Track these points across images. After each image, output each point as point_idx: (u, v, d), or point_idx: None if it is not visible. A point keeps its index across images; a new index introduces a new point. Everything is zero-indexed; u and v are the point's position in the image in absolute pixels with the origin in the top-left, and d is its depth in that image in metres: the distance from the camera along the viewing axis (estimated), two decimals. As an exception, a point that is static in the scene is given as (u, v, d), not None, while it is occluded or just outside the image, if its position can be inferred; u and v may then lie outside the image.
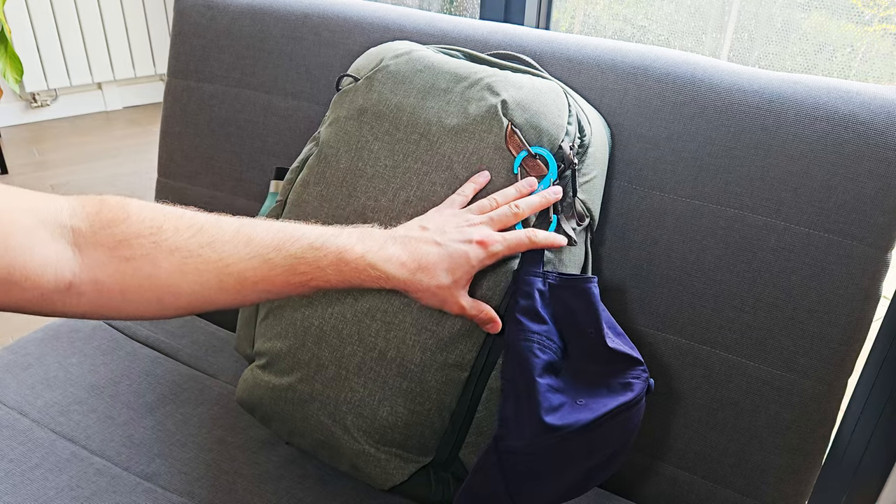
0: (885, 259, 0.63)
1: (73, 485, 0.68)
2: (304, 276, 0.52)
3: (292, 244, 0.52)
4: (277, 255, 0.51)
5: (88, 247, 0.46)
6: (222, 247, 0.50)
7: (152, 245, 0.47)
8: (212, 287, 0.49)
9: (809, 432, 0.68)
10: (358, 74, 0.69)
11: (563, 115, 0.63)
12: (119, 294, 0.47)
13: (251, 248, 0.51)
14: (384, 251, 0.54)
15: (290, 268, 0.51)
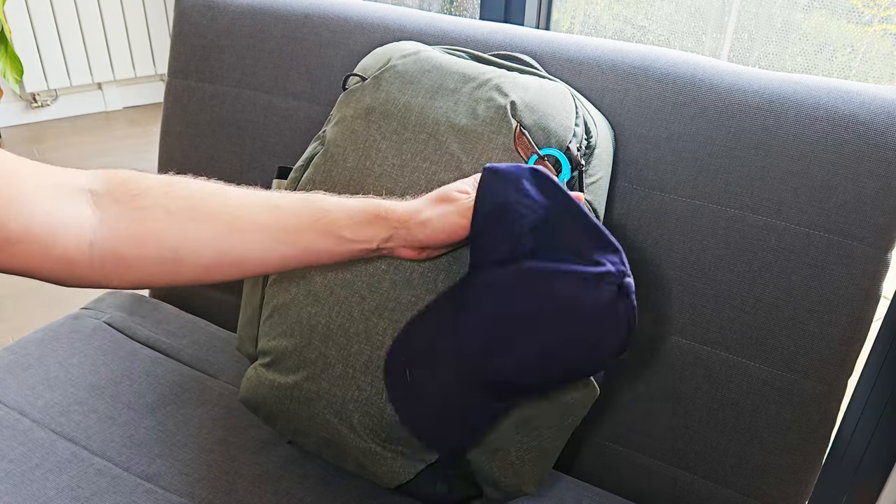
0: (886, 259, 0.63)
1: (73, 485, 0.68)
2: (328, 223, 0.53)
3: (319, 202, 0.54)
4: (301, 204, 0.53)
5: (106, 203, 0.47)
6: (235, 195, 0.52)
7: (164, 194, 0.49)
8: (227, 234, 0.50)
9: (810, 432, 0.68)
10: (365, 74, 0.69)
11: (571, 117, 0.63)
12: (137, 247, 0.47)
13: (268, 199, 0.52)
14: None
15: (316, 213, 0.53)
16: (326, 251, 0.54)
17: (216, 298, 0.97)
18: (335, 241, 0.53)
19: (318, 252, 0.53)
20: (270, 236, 0.52)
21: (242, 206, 0.51)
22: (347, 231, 0.53)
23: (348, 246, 0.54)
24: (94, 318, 0.92)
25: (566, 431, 0.65)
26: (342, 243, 0.53)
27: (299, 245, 0.53)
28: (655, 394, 0.73)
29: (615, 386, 0.76)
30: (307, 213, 0.53)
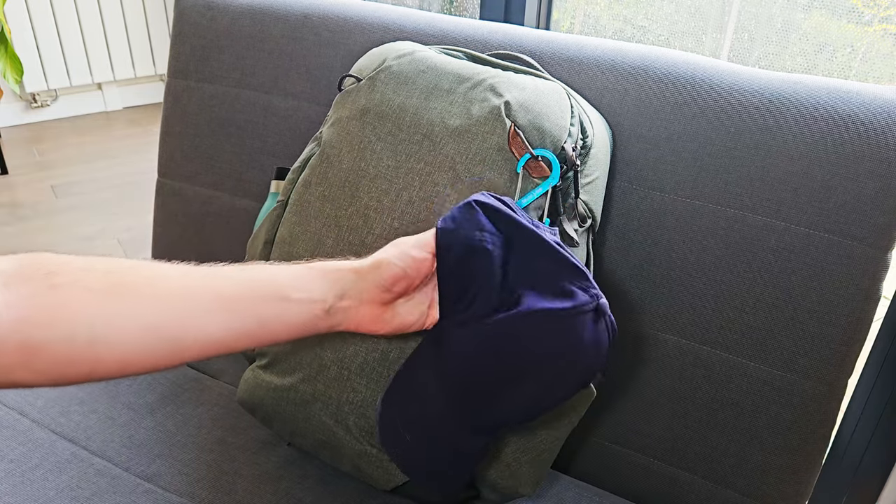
0: (886, 259, 0.63)
1: (73, 485, 0.68)
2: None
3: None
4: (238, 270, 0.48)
5: (15, 283, 0.40)
6: (165, 266, 0.46)
7: (83, 269, 0.43)
8: (156, 306, 0.43)
9: (810, 432, 0.68)
10: (360, 75, 0.69)
11: (566, 117, 0.63)
12: (48, 328, 0.40)
13: (203, 269, 0.47)
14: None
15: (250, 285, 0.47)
16: (274, 317, 0.47)
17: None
18: (281, 303, 0.48)
19: (264, 319, 0.47)
20: (207, 305, 0.45)
21: (172, 277, 0.45)
22: (293, 290, 0.48)
23: (298, 309, 0.48)
24: (93, 319, 0.92)
25: (563, 433, 0.65)
26: (290, 306, 0.48)
27: (242, 313, 0.47)
28: (655, 394, 0.73)
29: (615, 386, 0.76)
30: (246, 278, 0.47)
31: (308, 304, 0.48)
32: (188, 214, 0.97)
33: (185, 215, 0.97)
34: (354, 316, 0.51)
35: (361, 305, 0.51)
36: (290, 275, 0.49)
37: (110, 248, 1.97)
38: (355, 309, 0.51)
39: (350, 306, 0.50)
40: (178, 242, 0.99)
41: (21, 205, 2.18)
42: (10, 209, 2.15)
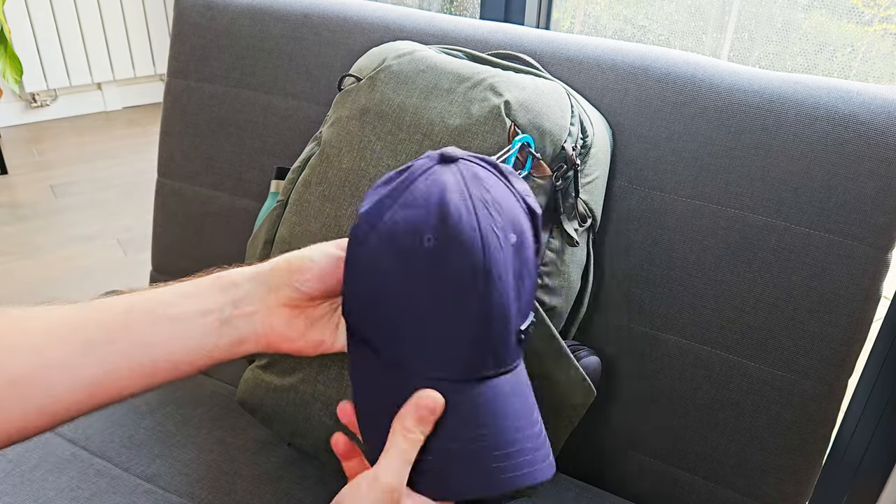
0: (886, 259, 0.63)
1: (73, 485, 0.68)
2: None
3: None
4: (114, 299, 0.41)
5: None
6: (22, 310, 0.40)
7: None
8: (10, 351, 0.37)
9: (810, 433, 0.68)
10: (360, 74, 0.69)
11: (566, 116, 0.63)
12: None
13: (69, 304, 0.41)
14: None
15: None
16: (161, 341, 0.41)
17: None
18: (164, 323, 0.41)
19: (150, 347, 0.41)
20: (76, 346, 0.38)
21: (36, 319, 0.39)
22: (176, 307, 0.41)
23: (187, 326, 0.41)
24: (93, 319, 0.92)
25: (563, 433, 0.65)
26: (175, 324, 0.41)
27: (121, 344, 0.40)
28: (655, 394, 0.73)
29: (615, 386, 0.75)
30: (123, 304, 0.41)
31: (198, 318, 0.42)
32: (188, 214, 0.96)
33: (185, 215, 0.97)
34: (261, 323, 0.44)
35: (268, 310, 0.44)
36: (174, 291, 0.43)
37: (110, 248, 1.97)
38: (260, 315, 0.43)
39: (253, 312, 0.43)
40: (178, 242, 0.99)
41: (21, 205, 2.18)
42: (9, 209, 2.15)
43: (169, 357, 0.41)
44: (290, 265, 0.44)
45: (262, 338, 0.44)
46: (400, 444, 0.39)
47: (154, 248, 1.02)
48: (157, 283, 0.44)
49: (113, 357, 0.40)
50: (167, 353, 0.41)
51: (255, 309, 0.44)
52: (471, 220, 0.41)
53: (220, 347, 0.43)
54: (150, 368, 0.41)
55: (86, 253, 1.95)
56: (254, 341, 0.44)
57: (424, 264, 0.40)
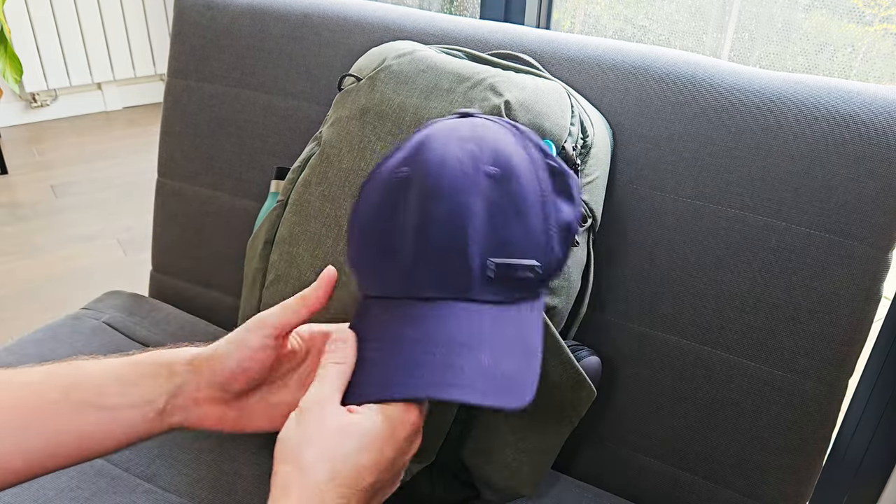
0: (886, 259, 0.63)
1: (72, 486, 0.68)
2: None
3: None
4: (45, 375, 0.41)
5: None
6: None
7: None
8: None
9: (810, 433, 0.68)
10: (360, 74, 0.69)
11: (566, 116, 0.63)
12: None
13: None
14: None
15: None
16: (93, 428, 0.40)
17: (216, 299, 0.97)
18: (98, 413, 0.40)
19: (80, 431, 0.40)
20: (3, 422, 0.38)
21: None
22: (114, 396, 0.41)
23: (120, 415, 0.41)
24: (93, 319, 0.92)
25: (563, 433, 0.65)
26: (109, 413, 0.41)
27: (45, 429, 0.39)
28: (656, 394, 0.73)
29: (615, 386, 0.75)
30: (53, 385, 0.40)
31: (134, 409, 0.41)
32: (188, 214, 0.96)
33: (185, 215, 0.97)
34: (194, 416, 0.43)
35: (198, 405, 0.43)
36: (110, 375, 0.41)
37: (110, 248, 1.97)
38: (193, 408, 0.43)
39: (185, 406, 0.43)
40: (178, 242, 0.99)
41: (20, 205, 2.18)
42: (9, 209, 2.15)
43: (98, 440, 0.41)
44: (211, 362, 0.43)
45: (195, 425, 0.44)
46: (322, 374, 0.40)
47: (154, 248, 1.02)
48: (97, 356, 0.43)
49: (38, 443, 0.39)
50: (96, 437, 0.41)
51: (185, 402, 0.43)
52: (441, 149, 0.44)
53: (152, 431, 0.44)
54: (75, 452, 0.41)
55: (86, 253, 1.95)
56: (188, 425, 0.45)
57: (395, 190, 0.44)
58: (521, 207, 0.44)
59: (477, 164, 0.43)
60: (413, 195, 0.43)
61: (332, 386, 0.39)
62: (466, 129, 0.45)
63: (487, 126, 0.46)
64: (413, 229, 0.43)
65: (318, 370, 0.40)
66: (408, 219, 0.43)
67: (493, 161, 0.43)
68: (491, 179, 0.43)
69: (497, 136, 0.45)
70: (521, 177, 0.44)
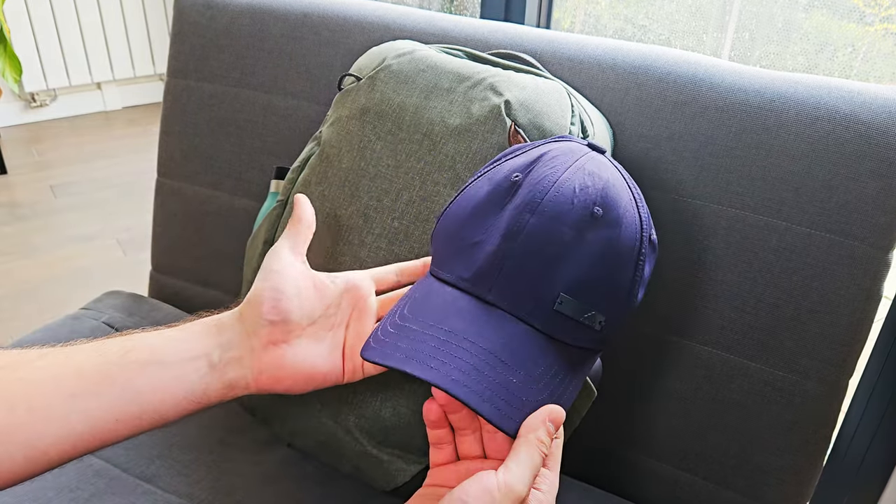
0: (887, 259, 0.63)
1: (72, 486, 0.68)
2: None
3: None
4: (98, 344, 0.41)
5: None
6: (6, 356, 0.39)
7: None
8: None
9: (811, 433, 0.68)
10: (360, 74, 0.69)
11: (567, 116, 0.63)
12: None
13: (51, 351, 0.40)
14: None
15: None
16: (150, 388, 0.40)
17: (216, 299, 0.97)
18: (155, 369, 0.41)
19: (138, 394, 0.40)
20: (63, 393, 0.38)
21: (17, 366, 0.38)
22: (167, 353, 0.42)
23: (176, 372, 0.41)
24: (93, 319, 0.92)
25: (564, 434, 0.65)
26: (166, 370, 0.41)
27: (108, 393, 0.39)
28: (655, 394, 0.73)
29: (615, 387, 0.75)
30: (108, 350, 0.41)
31: (188, 363, 0.42)
32: (187, 214, 0.96)
33: (185, 215, 0.97)
34: (253, 366, 0.44)
35: (252, 354, 0.44)
36: (162, 336, 0.42)
37: (109, 248, 1.97)
38: (249, 357, 0.44)
39: (240, 357, 0.43)
40: (178, 242, 0.98)
41: (20, 205, 2.18)
42: (8, 209, 2.15)
43: (158, 406, 0.41)
44: (249, 301, 0.44)
45: (251, 383, 0.44)
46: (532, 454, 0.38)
47: (154, 248, 1.01)
48: (146, 328, 0.44)
49: (98, 411, 0.39)
50: (155, 401, 0.41)
51: (241, 354, 0.43)
52: (553, 170, 0.45)
53: (210, 393, 0.43)
54: (136, 419, 0.41)
55: (85, 253, 1.95)
56: (244, 386, 0.44)
57: (504, 190, 0.45)
58: (612, 258, 0.44)
59: (587, 201, 0.43)
60: (517, 201, 0.44)
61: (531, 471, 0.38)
62: (591, 163, 0.46)
63: (611, 171, 0.47)
64: (503, 233, 0.43)
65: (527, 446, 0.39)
66: (503, 221, 0.44)
67: (603, 203, 0.44)
68: (595, 220, 0.43)
69: (616, 183, 0.46)
70: (623, 230, 0.44)
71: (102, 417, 0.39)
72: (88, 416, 0.39)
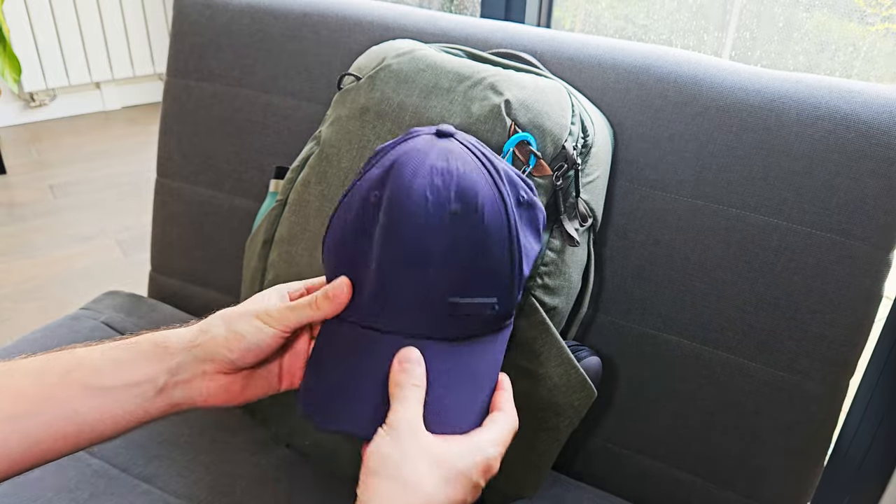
0: (888, 259, 0.63)
1: (71, 486, 0.68)
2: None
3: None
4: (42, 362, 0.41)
5: None
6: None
7: None
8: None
9: (811, 434, 0.67)
10: (360, 73, 0.68)
11: (567, 115, 0.63)
12: None
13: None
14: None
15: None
16: (91, 410, 0.41)
17: (215, 299, 0.97)
18: (96, 394, 0.41)
19: (78, 414, 0.40)
20: (2, 412, 0.38)
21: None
22: (111, 377, 0.41)
23: (116, 396, 0.41)
24: (92, 319, 0.92)
25: (563, 434, 0.65)
26: (107, 395, 0.41)
27: (49, 412, 0.39)
28: (656, 394, 0.73)
29: (615, 387, 0.75)
30: (50, 370, 0.41)
31: (132, 388, 0.42)
32: (187, 214, 0.96)
33: (184, 215, 0.96)
34: (197, 390, 0.44)
35: (203, 376, 0.44)
36: (107, 357, 0.42)
37: (109, 248, 1.97)
38: (199, 380, 0.44)
39: (188, 380, 0.44)
40: (177, 242, 0.98)
41: (19, 204, 2.18)
42: (8, 209, 2.15)
43: (96, 426, 0.41)
44: (224, 339, 0.44)
45: (198, 401, 0.45)
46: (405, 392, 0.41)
47: (153, 248, 1.01)
48: (100, 340, 0.44)
49: (37, 431, 0.40)
50: (94, 421, 0.41)
51: (191, 377, 0.44)
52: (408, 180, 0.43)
53: (152, 412, 0.44)
54: (74, 437, 0.41)
55: (84, 253, 1.95)
56: (189, 404, 0.45)
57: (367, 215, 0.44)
58: (483, 246, 0.44)
59: (442, 202, 0.43)
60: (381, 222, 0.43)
61: (416, 408, 0.41)
62: (439, 157, 0.44)
63: (459, 156, 0.45)
64: (377, 262, 0.43)
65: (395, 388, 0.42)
66: (373, 250, 0.44)
67: (459, 197, 0.43)
68: (455, 217, 0.43)
69: (467, 169, 0.44)
70: (486, 215, 0.44)
71: (41, 438, 0.40)
72: (26, 436, 0.39)
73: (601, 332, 0.74)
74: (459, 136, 0.46)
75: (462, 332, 0.45)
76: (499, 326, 0.47)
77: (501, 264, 0.45)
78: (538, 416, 0.63)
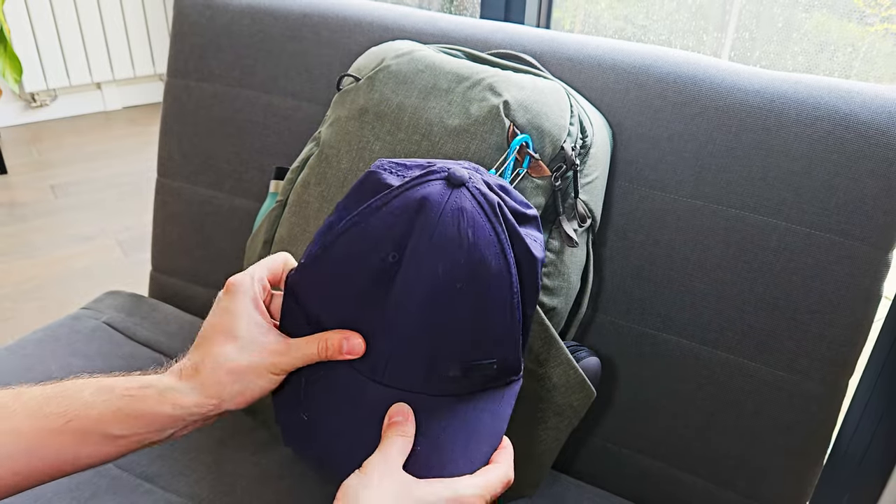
0: (887, 259, 0.63)
1: (72, 486, 0.68)
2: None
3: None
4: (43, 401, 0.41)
5: None
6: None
7: None
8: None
9: (811, 433, 0.68)
10: (359, 74, 0.68)
11: (566, 116, 0.63)
12: None
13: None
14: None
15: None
16: (88, 454, 0.41)
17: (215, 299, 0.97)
18: (99, 439, 0.41)
19: (77, 458, 0.41)
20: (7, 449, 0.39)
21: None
22: (115, 428, 0.41)
23: (122, 442, 0.42)
24: (93, 319, 0.92)
25: (563, 434, 0.65)
26: (111, 441, 0.41)
27: (45, 456, 0.40)
28: (656, 394, 0.73)
29: (615, 387, 0.75)
30: (51, 413, 0.40)
31: (135, 437, 0.42)
32: (187, 214, 0.96)
33: (185, 215, 0.97)
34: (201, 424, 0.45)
35: (208, 419, 0.45)
36: (112, 407, 0.42)
37: (109, 248, 1.97)
38: (202, 422, 0.45)
39: (197, 422, 0.45)
40: (178, 242, 0.98)
41: (20, 204, 2.18)
42: (8, 209, 2.15)
43: (90, 462, 0.42)
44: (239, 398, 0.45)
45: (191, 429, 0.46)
46: (393, 441, 0.42)
47: (154, 247, 1.01)
48: (95, 374, 0.44)
49: (29, 469, 0.40)
50: (88, 460, 0.42)
51: (196, 422, 0.45)
52: (421, 256, 0.43)
53: (153, 445, 0.45)
54: (67, 470, 0.42)
55: (85, 253, 1.95)
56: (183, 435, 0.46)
57: (382, 274, 0.43)
58: (486, 315, 0.44)
59: (450, 279, 0.43)
60: (397, 288, 0.43)
61: (396, 456, 0.41)
62: (452, 222, 0.43)
63: (470, 218, 0.44)
64: (386, 329, 0.44)
65: (384, 438, 0.42)
66: (385, 316, 0.44)
67: (467, 278, 0.43)
68: (462, 293, 0.43)
69: (479, 242, 0.44)
70: (492, 285, 0.44)
71: (32, 475, 0.40)
72: (16, 473, 0.40)
73: (600, 333, 0.74)
74: (471, 184, 0.44)
75: (462, 390, 0.45)
76: (505, 382, 0.47)
77: (503, 329, 0.45)
78: (537, 416, 0.63)
